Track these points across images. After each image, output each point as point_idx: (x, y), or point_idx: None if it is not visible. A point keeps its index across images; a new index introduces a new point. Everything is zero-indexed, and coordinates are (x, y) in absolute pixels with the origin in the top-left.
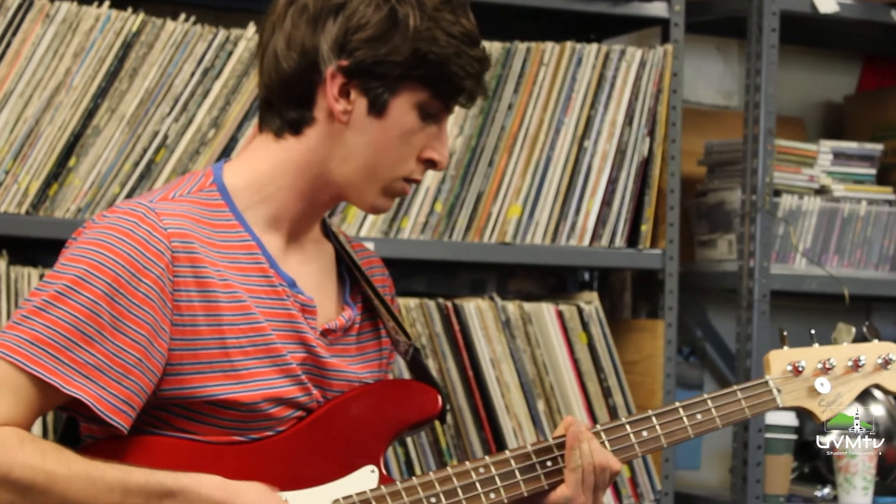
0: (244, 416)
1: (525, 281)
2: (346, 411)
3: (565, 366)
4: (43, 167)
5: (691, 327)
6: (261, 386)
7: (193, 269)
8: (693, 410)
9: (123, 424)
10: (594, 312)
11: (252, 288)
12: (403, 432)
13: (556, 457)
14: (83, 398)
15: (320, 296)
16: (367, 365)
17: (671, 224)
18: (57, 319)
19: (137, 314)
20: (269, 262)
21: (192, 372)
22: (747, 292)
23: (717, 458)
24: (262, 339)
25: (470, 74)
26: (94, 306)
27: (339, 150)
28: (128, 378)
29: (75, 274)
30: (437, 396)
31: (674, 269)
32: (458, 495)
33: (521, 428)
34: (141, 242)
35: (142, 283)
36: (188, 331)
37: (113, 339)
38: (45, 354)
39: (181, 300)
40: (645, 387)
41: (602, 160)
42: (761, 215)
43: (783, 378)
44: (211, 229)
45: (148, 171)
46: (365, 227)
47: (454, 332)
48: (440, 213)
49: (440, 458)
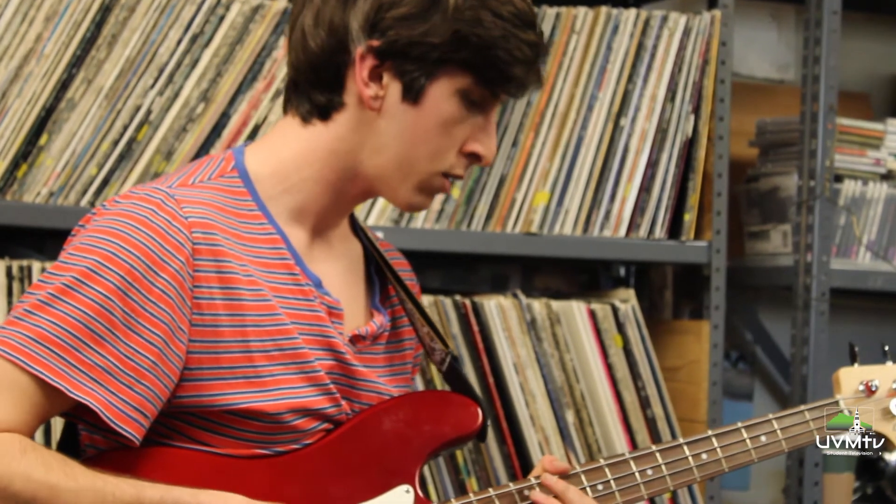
0: (267, 428)
1: (553, 276)
2: (379, 425)
3: (598, 372)
4: (10, 145)
5: (740, 329)
6: (286, 395)
7: (216, 264)
8: (757, 432)
9: (135, 434)
10: (631, 312)
11: (277, 287)
12: (440, 449)
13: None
14: (91, 404)
15: (347, 298)
16: (395, 378)
17: (718, 213)
18: (64, 315)
19: (153, 312)
20: (294, 259)
21: (212, 378)
22: (804, 290)
23: (769, 477)
24: (289, 342)
25: (519, 60)
26: (105, 302)
27: (371, 140)
28: (141, 383)
29: (85, 265)
30: (478, 410)
31: (721, 264)
32: None
33: (547, 442)
34: (159, 232)
35: (159, 278)
36: (209, 332)
37: (125, 339)
38: (50, 354)
39: (202, 297)
40: (688, 396)
41: (640, 140)
42: (820, 203)
43: (854, 398)
44: (235, 219)
45: (129, 151)
46: (373, 214)
47: (473, 334)
48: (458, 199)
49: (457, 475)
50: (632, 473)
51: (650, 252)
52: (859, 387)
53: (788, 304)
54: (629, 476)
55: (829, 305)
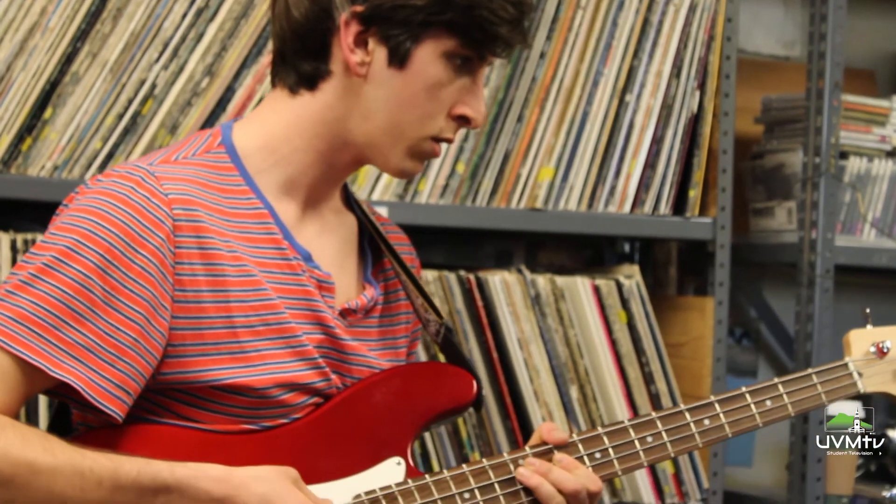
0: (254, 403)
1: (557, 252)
2: (370, 398)
3: (602, 348)
4: (15, 119)
5: (745, 306)
6: (272, 370)
7: (198, 240)
8: (762, 396)
9: (117, 411)
10: (635, 288)
11: (263, 261)
12: (434, 421)
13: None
14: (72, 382)
15: (339, 272)
16: (388, 352)
17: (723, 189)
18: (44, 295)
19: (133, 289)
20: (282, 234)
21: (196, 354)
22: (808, 267)
23: (772, 454)
24: (275, 317)
25: (504, 20)
26: (85, 280)
27: (359, 107)
28: (122, 360)
29: (64, 244)
30: (472, 381)
31: (725, 241)
32: (495, 491)
33: (551, 417)
34: (138, 209)
35: (138, 255)
36: (192, 308)
37: (106, 316)
38: (30, 333)
39: (184, 274)
40: (692, 372)
41: (646, 117)
42: (825, 180)
43: (865, 361)
44: (219, 195)
45: (133, 125)
46: (378, 190)
47: (477, 309)
48: (462, 174)
49: (460, 450)
50: (631, 441)
51: (655, 228)
52: (870, 348)
53: (793, 280)
54: (628, 444)
55: (834, 282)
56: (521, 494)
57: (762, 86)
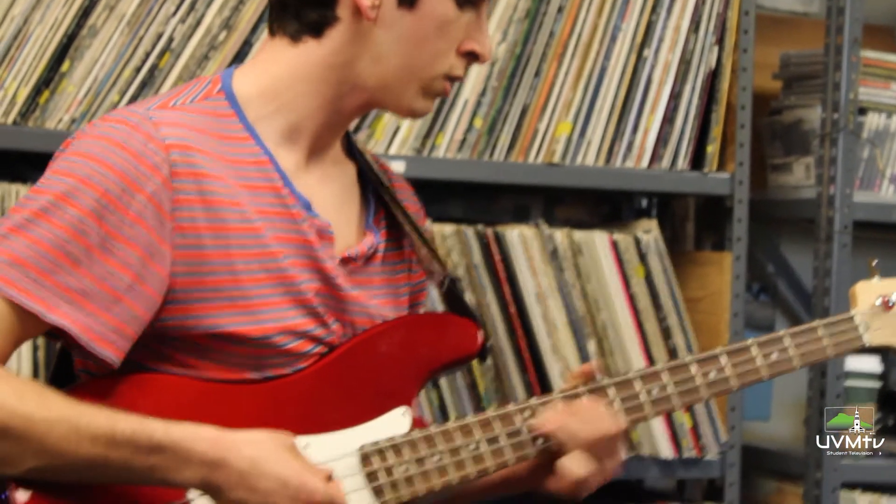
0: (255, 352)
1: (575, 207)
2: (375, 347)
3: (620, 302)
4: (32, 72)
5: (762, 261)
6: (273, 318)
7: (197, 185)
8: (768, 349)
9: (113, 356)
10: (653, 243)
11: (263, 209)
12: (438, 371)
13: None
14: (67, 326)
15: (340, 220)
16: (391, 300)
17: (741, 145)
18: (39, 238)
19: (130, 234)
20: (282, 181)
21: (197, 300)
22: (826, 223)
23: (790, 408)
24: (274, 265)
25: None
26: (80, 224)
27: (369, 50)
28: (118, 304)
29: (60, 188)
30: (477, 331)
31: (743, 196)
32: (499, 442)
33: (569, 371)
34: (134, 153)
35: (134, 200)
36: (193, 254)
37: (102, 261)
38: (24, 277)
39: (184, 219)
40: (709, 327)
41: (664, 72)
42: (844, 136)
43: (871, 313)
44: (218, 141)
45: (151, 78)
46: (395, 144)
47: (495, 263)
48: (480, 129)
49: (478, 403)
50: (636, 393)
51: (673, 183)
52: (877, 301)
53: (811, 236)
54: (632, 396)
55: (852, 238)
56: (525, 445)
57: (781, 41)
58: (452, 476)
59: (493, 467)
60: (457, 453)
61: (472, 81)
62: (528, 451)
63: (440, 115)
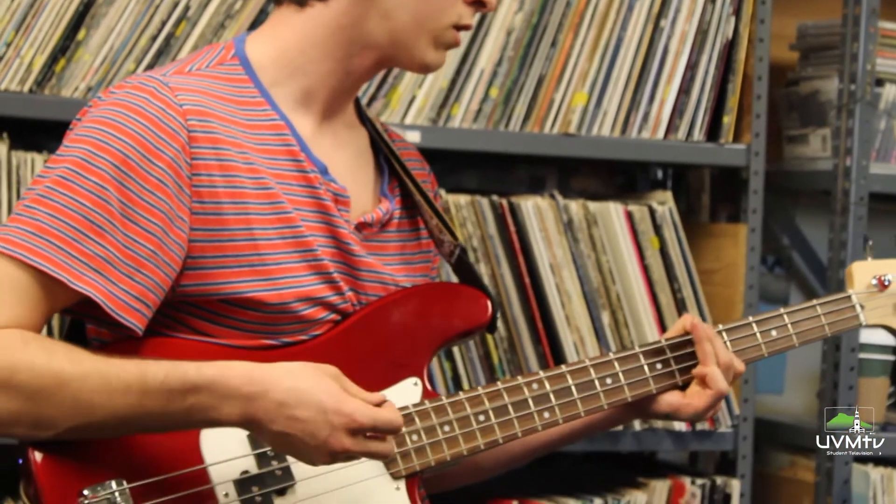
0: (272, 319)
1: (590, 178)
2: (387, 317)
3: (634, 274)
4: (49, 40)
5: (777, 233)
6: (291, 284)
7: (215, 151)
8: (767, 326)
9: (137, 324)
10: (668, 214)
11: (280, 173)
12: (449, 342)
13: (666, 359)
14: (93, 295)
15: (355, 185)
16: (406, 267)
17: (757, 116)
18: (61, 207)
19: (150, 201)
20: (299, 145)
21: (216, 266)
22: (842, 194)
23: (803, 381)
24: (291, 231)
25: None
26: (101, 192)
27: (376, 7)
28: (141, 272)
29: (79, 156)
30: (487, 302)
31: (759, 167)
32: (509, 413)
33: (582, 342)
34: (152, 120)
35: (154, 166)
36: (212, 220)
37: (123, 228)
38: (49, 246)
39: (202, 185)
40: (724, 299)
41: (680, 42)
42: (861, 107)
43: (867, 293)
44: (234, 106)
45: (167, 47)
46: (410, 114)
47: (509, 234)
48: (496, 99)
49: (491, 374)
50: (640, 366)
51: (688, 154)
52: (872, 281)
53: (826, 208)
54: (637, 369)
55: (868, 210)
56: (534, 418)
57: (798, 12)
58: (462, 447)
59: (502, 439)
60: (467, 423)
61: (488, 51)
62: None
63: (456, 86)
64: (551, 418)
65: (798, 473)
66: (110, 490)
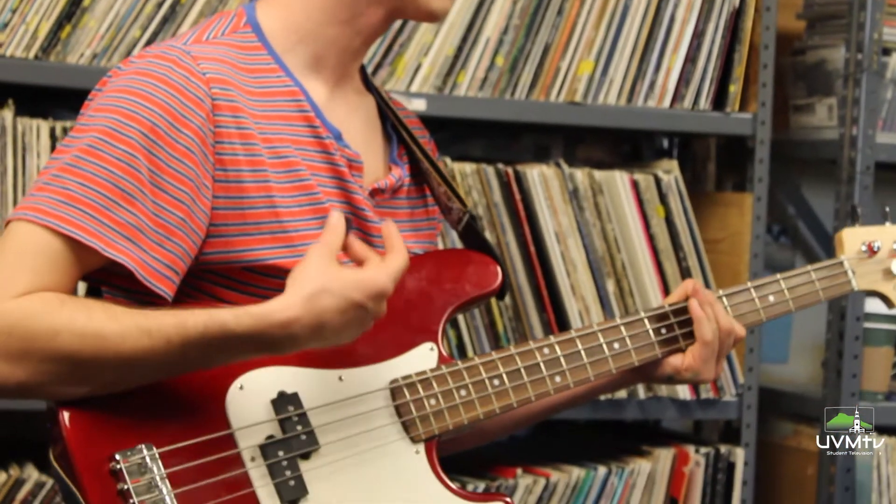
0: None
1: (595, 147)
2: (402, 283)
3: (639, 242)
4: (54, 6)
5: (783, 202)
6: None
7: (235, 119)
8: (765, 291)
9: (168, 291)
10: (674, 183)
11: (298, 139)
12: (460, 308)
13: (670, 324)
14: (125, 262)
15: (367, 151)
16: (415, 234)
17: (764, 85)
18: (91, 175)
19: (178, 168)
20: (314, 111)
21: (238, 234)
22: (848, 164)
23: (808, 350)
24: (309, 198)
25: None
26: (130, 159)
27: None
28: (171, 240)
29: (107, 125)
30: (498, 269)
31: (765, 136)
32: (522, 378)
33: (587, 310)
34: (178, 88)
35: (181, 134)
36: (233, 187)
37: (153, 196)
38: (81, 214)
39: (224, 153)
40: (729, 268)
41: (687, 10)
42: (867, 76)
43: (857, 259)
44: (249, 75)
45: (172, 14)
46: (416, 81)
47: (515, 202)
48: (501, 67)
49: (496, 342)
50: (646, 331)
51: (694, 123)
52: (862, 247)
53: (832, 177)
54: (643, 334)
55: (874, 179)
56: (546, 382)
57: None
58: (480, 410)
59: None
60: (482, 387)
61: (495, 19)
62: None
63: (462, 54)
64: (563, 382)
65: (802, 442)
66: (141, 454)
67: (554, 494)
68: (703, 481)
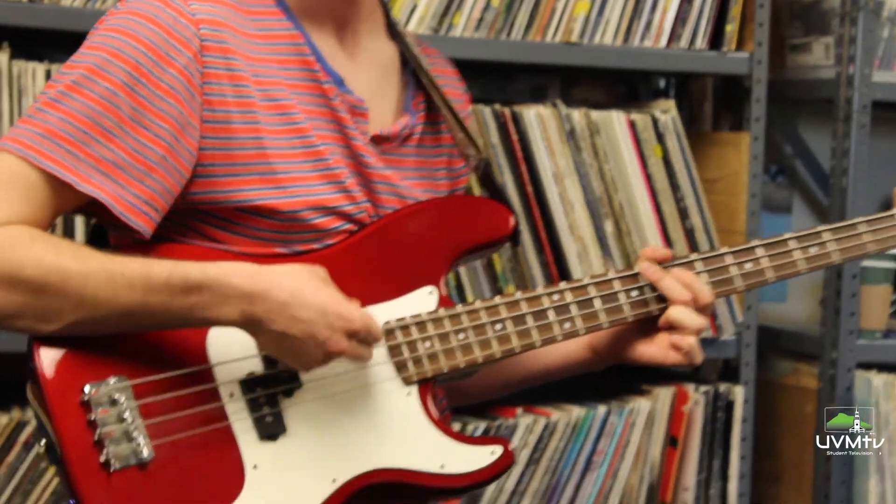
0: (284, 227)
1: (592, 87)
2: (405, 227)
3: (637, 182)
4: None
5: (780, 142)
6: (302, 192)
7: (225, 61)
8: (807, 243)
9: (144, 226)
10: (671, 123)
11: (294, 83)
12: (468, 254)
13: (642, 286)
14: (100, 196)
15: (375, 98)
16: (426, 183)
17: (760, 24)
18: (72, 111)
19: (161, 106)
20: (314, 56)
21: (225, 174)
22: (845, 103)
23: (806, 289)
24: (302, 141)
25: None
26: (112, 97)
27: None
28: (150, 176)
29: (92, 62)
30: (510, 216)
31: (762, 76)
32: (527, 323)
33: (586, 251)
34: (165, 28)
35: (165, 73)
36: (220, 128)
37: (134, 133)
38: (58, 149)
39: (212, 94)
40: (727, 208)
41: None
42: (864, 15)
43: None
44: (248, 17)
45: None
46: (412, 22)
47: (512, 143)
48: (497, 7)
49: (495, 283)
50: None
51: (691, 63)
52: None
53: (829, 116)
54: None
55: (871, 118)
56: (553, 328)
57: None
58: (477, 354)
59: (519, 348)
60: (483, 331)
61: None
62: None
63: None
64: (571, 328)
65: (801, 380)
66: (111, 385)
67: (554, 433)
68: (703, 420)
